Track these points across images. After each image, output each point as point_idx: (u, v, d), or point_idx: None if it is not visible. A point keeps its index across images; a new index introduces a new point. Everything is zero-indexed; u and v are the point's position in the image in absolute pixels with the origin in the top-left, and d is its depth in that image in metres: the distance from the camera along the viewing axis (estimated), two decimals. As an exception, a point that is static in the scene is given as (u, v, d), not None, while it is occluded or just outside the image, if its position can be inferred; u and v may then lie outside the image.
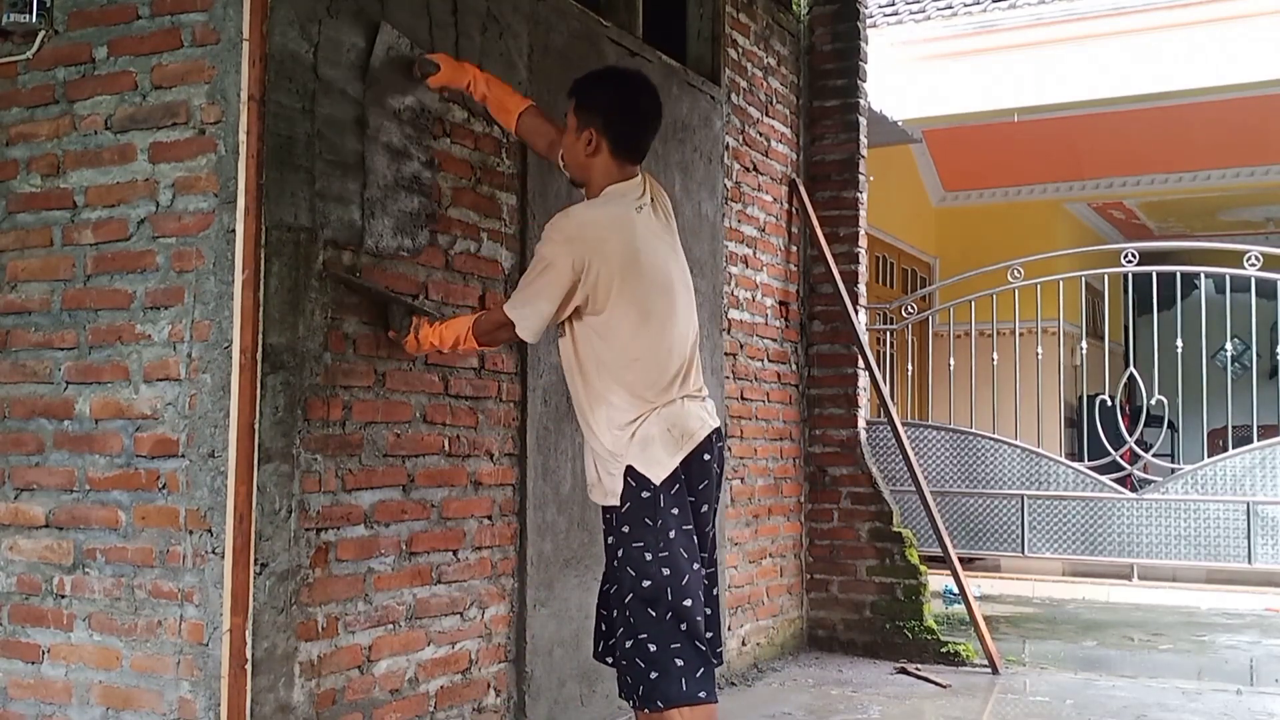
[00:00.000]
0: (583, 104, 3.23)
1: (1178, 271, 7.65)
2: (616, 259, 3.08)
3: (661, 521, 3.02)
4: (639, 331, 3.10)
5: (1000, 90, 9.91)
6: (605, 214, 3.16)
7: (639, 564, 3.02)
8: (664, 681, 2.97)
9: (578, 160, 3.26)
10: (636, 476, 3.04)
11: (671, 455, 3.06)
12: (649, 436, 3.05)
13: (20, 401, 3.23)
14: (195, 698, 2.91)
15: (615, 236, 3.11)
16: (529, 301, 3.13)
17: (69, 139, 3.21)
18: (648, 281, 3.13)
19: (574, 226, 3.12)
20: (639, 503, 3.04)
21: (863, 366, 6.27)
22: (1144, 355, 8.45)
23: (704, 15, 5.53)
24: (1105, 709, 4.93)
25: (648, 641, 3.00)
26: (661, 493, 3.03)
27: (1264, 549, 7.06)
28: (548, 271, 3.09)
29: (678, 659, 2.98)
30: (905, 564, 6.02)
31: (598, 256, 3.06)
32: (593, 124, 3.19)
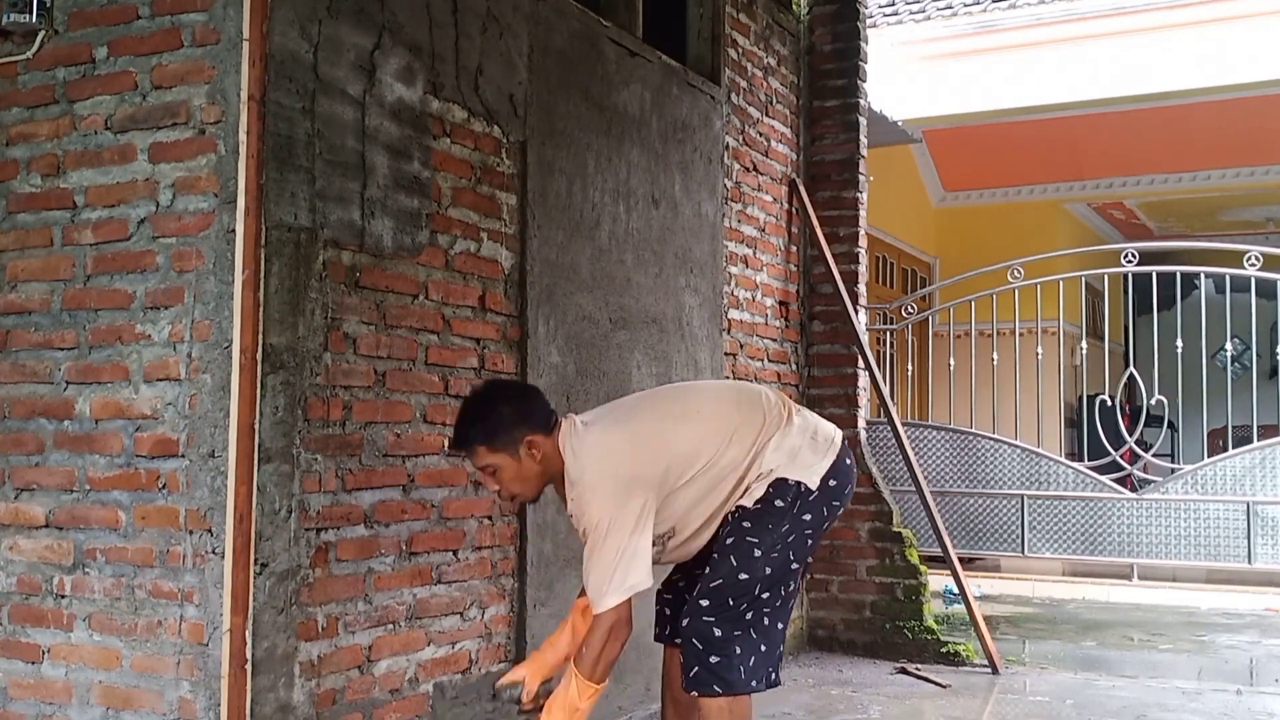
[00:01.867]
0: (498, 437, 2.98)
1: (1178, 271, 7.65)
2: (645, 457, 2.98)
3: (786, 527, 3.04)
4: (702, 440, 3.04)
5: (1000, 90, 9.91)
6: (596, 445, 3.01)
7: (745, 557, 3.02)
8: (722, 666, 3.00)
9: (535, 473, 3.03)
10: (780, 485, 3.04)
11: (822, 459, 3.10)
12: (794, 447, 3.08)
13: (20, 401, 3.23)
14: (195, 698, 2.91)
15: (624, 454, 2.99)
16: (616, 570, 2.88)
17: (69, 139, 3.21)
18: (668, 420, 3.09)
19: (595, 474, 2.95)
20: (770, 509, 3.04)
21: (863, 366, 6.27)
22: (1144, 355, 8.45)
23: (704, 15, 5.53)
24: (1105, 709, 4.93)
25: (713, 626, 3.01)
26: (801, 499, 3.05)
27: (1264, 549, 7.06)
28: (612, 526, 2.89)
29: (738, 647, 3.01)
30: (905, 564, 6.02)
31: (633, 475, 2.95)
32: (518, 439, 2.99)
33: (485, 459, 3.00)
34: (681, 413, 3.15)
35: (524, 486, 3.05)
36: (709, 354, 5.24)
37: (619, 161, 4.61)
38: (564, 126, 4.28)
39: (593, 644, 2.91)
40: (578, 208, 4.34)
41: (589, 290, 4.39)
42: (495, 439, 2.98)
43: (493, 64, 3.89)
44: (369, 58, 3.37)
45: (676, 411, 3.16)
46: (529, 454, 2.99)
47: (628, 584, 2.88)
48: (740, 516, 3.07)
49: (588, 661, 2.91)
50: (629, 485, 2.93)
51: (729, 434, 3.07)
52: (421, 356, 3.55)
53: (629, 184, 4.67)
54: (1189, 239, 12.11)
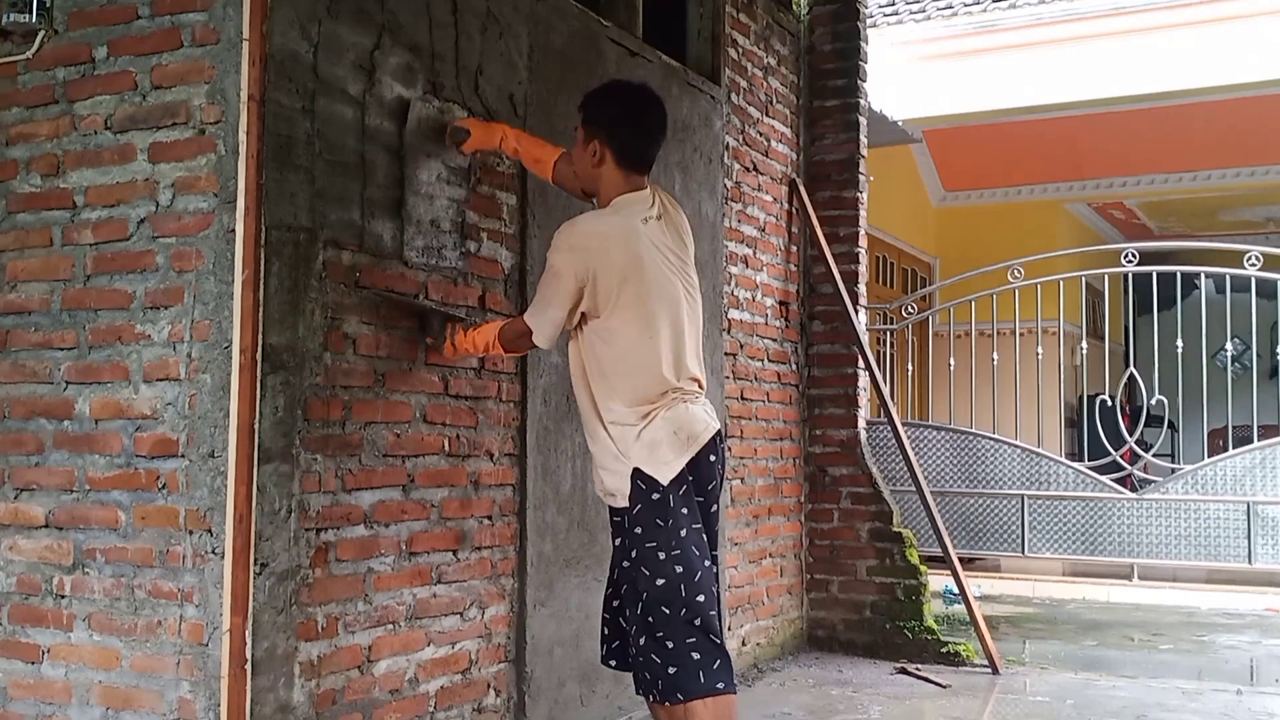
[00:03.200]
0: (589, 117, 3.36)
1: (1178, 271, 7.65)
2: (619, 267, 3.18)
3: (673, 521, 3.13)
4: (641, 338, 3.20)
5: (1000, 90, 9.91)
6: (610, 223, 3.27)
7: (653, 563, 3.12)
8: (682, 676, 3.08)
9: (586, 171, 3.37)
10: (645, 478, 3.14)
11: (678, 456, 3.16)
12: (655, 440, 3.16)
13: (20, 401, 3.23)
14: (195, 698, 2.91)
15: (618, 245, 3.21)
16: (542, 310, 3.25)
17: (69, 139, 3.20)
18: (650, 289, 3.22)
19: (578, 235, 3.23)
20: (649, 504, 3.14)
21: (863, 366, 6.27)
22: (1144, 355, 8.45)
23: (704, 15, 5.53)
24: (1105, 709, 4.93)
25: (665, 639, 3.10)
26: (671, 493, 3.14)
27: (1264, 549, 7.05)
28: (555, 279, 3.21)
29: (694, 653, 3.09)
30: (905, 564, 6.02)
31: (601, 264, 3.17)
32: (598, 135, 3.31)
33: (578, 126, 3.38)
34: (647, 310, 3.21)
35: (580, 171, 3.42)
36: (709, 353, 5.24)
37: (619, 161, 4.60)
38: (564, 126, 4.27)
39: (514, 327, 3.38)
40: (578, 208, 4.33)
41: (589, 290, 4.38)
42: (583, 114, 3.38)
43: (493, 64, 3.89)
44: (369, 58, 3.37)
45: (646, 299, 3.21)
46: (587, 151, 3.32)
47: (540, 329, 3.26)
48: (628, 523, 3.18)
49: (506, 334, 3.41)
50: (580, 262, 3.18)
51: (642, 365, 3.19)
52: (421, 356, 3.55)
53: (629, 184, 4.66)
54: (1189, 239, 12.10)
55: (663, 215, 3.35)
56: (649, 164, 3.38)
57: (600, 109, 3.36)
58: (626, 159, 3.31)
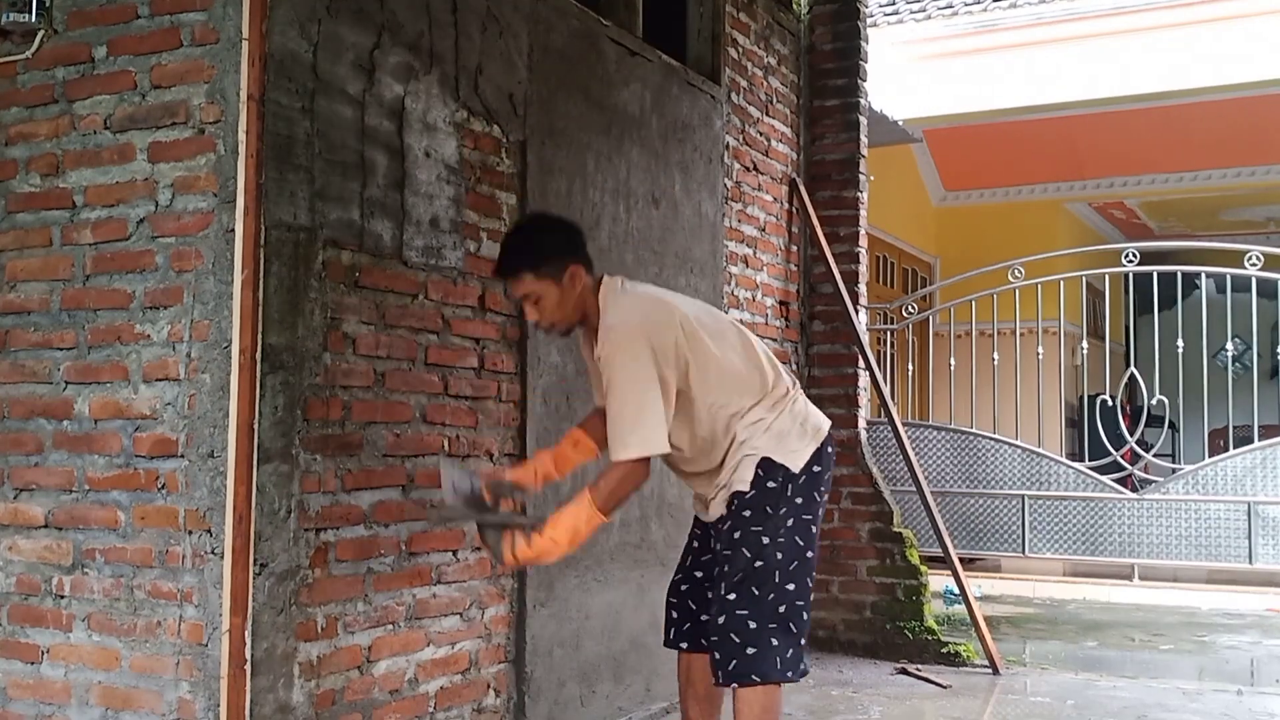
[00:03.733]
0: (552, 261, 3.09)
1: (1178, 271, 7.65)
2: (668, 325, 3.10)
3: (785, 510, 3.17)
4: (742, 353, 3.22)
5: (1000, 90, 9.91)
6: (632, 297, 3.16)
7: (754, 545, 3.14)
8: (759, 658, 3.10)
9: (575, 305, 3.15)
10: (769, 466, 3.17)
11: (806, 446, 3.22)
12: (784, 430, 3.21)
13: (20, 401, 3.23)
14: (195, 698, 2.91)
15: (656, 305, 3.16)
16: (644, 421, 2.99)
17: (68, 139, 3.20)
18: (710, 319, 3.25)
19: (624, 330, 3.05)
20: (764, 491, 3.16)
21: (863, 366, 6.27)
22: (1145, 355, 8.44)
23: (704, 15, 5.53)
24: (1106, 709, 4.92)
25: (748, 619, 3.11)
26: (791, 482, 3.18)
27: (1265, 549, 7.05)
28: (636, 381, 3.00)
29: (773, 638, 3.12)
30: (906, 564, 6.01)
31: (656, 335, 3.05)
32: (566, 266, 3.10)
33: (529, 286, 3.09)
34: (716, 330, 3.23)
35: (562, 315, 3.16)
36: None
37: (619, 161, 4.61)
38: (564, 126, 4.27)
39: (610, 479, 3.03)
40: (577, 207, 4.33)
41: (589, 290, 4.38)
42: (541, 265, 3.08)
43: (493, 64, 3.88)
44: (369, 57, 3.37)
45: (711, 326, 3.23)
46: (571, 283, 3.11)
47: (647, 440, 2.99)
48: (738, 505, 3.18)
49: (603, 494, 3.02)
50: (658, 352, 3.03)
51: (742, 374, 3.19)
52: (421, 356, 3.55)
53: (629, 184, 4.67)
54: (1189, 239, 12.10)
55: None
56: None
57: (551, 247, 3.11)
58: (589, 261, 3.20)
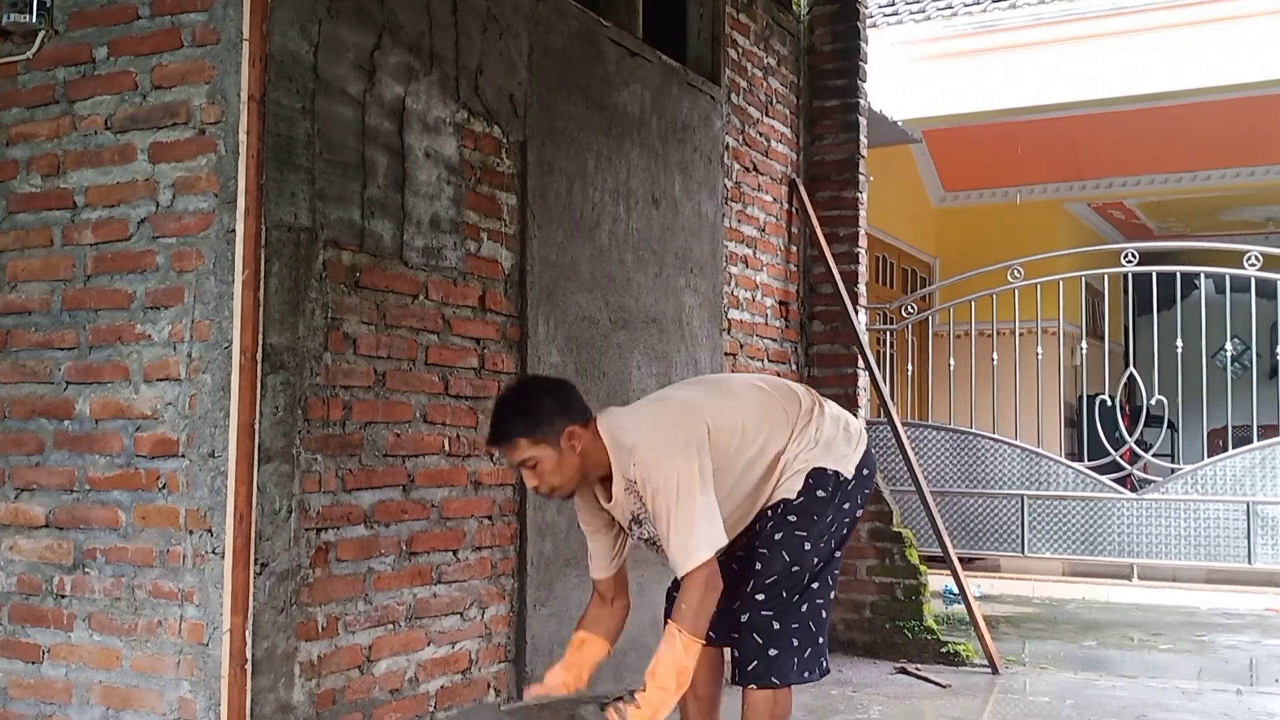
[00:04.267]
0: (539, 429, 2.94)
1: (1178, 271, 7.65)
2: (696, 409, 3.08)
3: (831, 517, 3.19)
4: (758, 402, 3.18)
5: (1000, 90, 9.91)
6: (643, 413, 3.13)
7: (796, 550, 3.12)
8: (779, 660, 3.11)
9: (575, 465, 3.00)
10: (819, 475, 3.16)
11: (854, 449, 3.25)
12: (830, 438, 3.22)
13: (20, 401, 3.23)
14: (195, 698, 2.91)
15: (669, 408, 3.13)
16: (698, 524, 2.91)
17: (69, 139, 3.21)
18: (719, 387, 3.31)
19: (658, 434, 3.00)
20: (813, 500, 3.16)
21: (863, 366, 6.27)
22: (1144, 355, 8.45)
23: (704, 15, 5.53)
24: (1105, 709, 4.92)
25: (773, 620, 3.11)
26: (840, 489, 3.20)
27: (1264, 549, 7.06)
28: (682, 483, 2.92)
29: (794, 639, 3.13)
30: (905, 564, 6.01)
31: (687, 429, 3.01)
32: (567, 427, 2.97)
33: (526, 452, 2.95)
34: (727, 393, 3.25)
35: (563, 479, 3.01)
36: (709, 354, 5.24)
37: (619, 161, 4.61)
38: (564, 126, 4.28)
39: (690, 600, 2.90)
40: (578, 208, 4.34)
41: (589, 290, 4.39)
42: (537, 431, 2.94)
43: (493, 64, 3.89)
44: (369, 57, 3.37)
45: (713, 391, 3.27)
46: (569, 445, 2.96)
47: (711, 539, 2.91)
48: (784, 510, 3.15)
49: (689, 617, 2.90)
50: (686, 443, 2.96)
51: (764, 414, 3.17)
52: (421, 356, 3.55)
53: (629, 184, 4.67)
54: (1189, 239, 12.09)
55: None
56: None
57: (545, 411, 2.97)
58: (586, 416, 3.05)
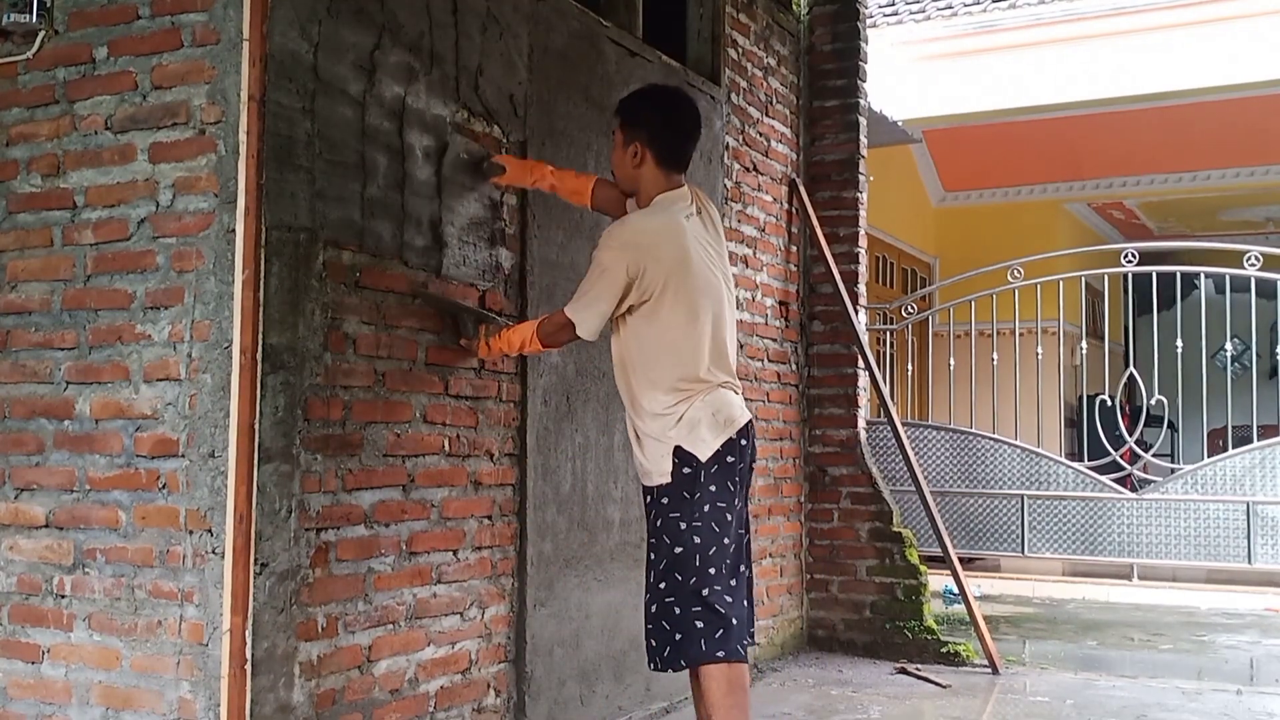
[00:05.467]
0: (627, 120, 3.52)
1: (1178, 271, 7.65)
2: (667, 261, 3.35)
3: (699, 495, 3.31)
4: (686, 327, 3.38)
5: (1000, 90, 9.91)
6: (658, 221, 3.43)
7: (674, 532, 3.32)
8: (685, 643, 3.26)
9: (626, 173, 3.54)
10: (682, 455, 3.33)
11: (716, 436, 3.34)
12: (695, 419, 3.34)
13: (20, 401, 3.23)
14: (195, 698, 2.91)
15: (666, 241, 3.38)
16: (589, 305, 3.40)
17: (69, 139, 3.21)
18: (695, 282, 3.40)
19: (629, 233, 3.40)
20: (680, 478, 3.33)
21: (863, 366, 6.27)
22: (1144, 355, 8.45)
23: (704, 15, 5.53)
24: (1105, 709, 4.93)
25: (673, 605, 3.28)
26: (703, 470, 3.32)
27: (1264, 549, 7.06)
28: (605, 276, 3.36)
29: (698, 621, 3.25)
30: (905, 564, 6.02)
31: (650, 260, 3.33)
32: (638, 138, 3.47)
33: (616, 130, 3.55)
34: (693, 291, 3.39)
35: (618, 171, 3.59)
36: (709, 354, 5.23)
37: (619, 161, 4.60)
38: (564, 126, 4.28)
39: (553, 321, 3.50)
40: (578, 208, 4.33)
41: (589, 290, 4.38)
42: (622, 117, 3.54)
43: (493, 64, 3.89)
44: (369, 57, 3.37)
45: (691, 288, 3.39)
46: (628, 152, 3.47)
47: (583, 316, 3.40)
48: (658, 495, 3.37)
49: (547, 325, 3.52)
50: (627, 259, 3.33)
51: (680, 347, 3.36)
52: (421, 356, 3.55)
53: (629, 184, 4.67)
54: (1189, 239, 12.10)
55: (701, 211, 3.54)
56: (686, 163, 3.56)
57: (639, 112, 3.51)
58: (665, 159, 3.47)
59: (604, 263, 3.38)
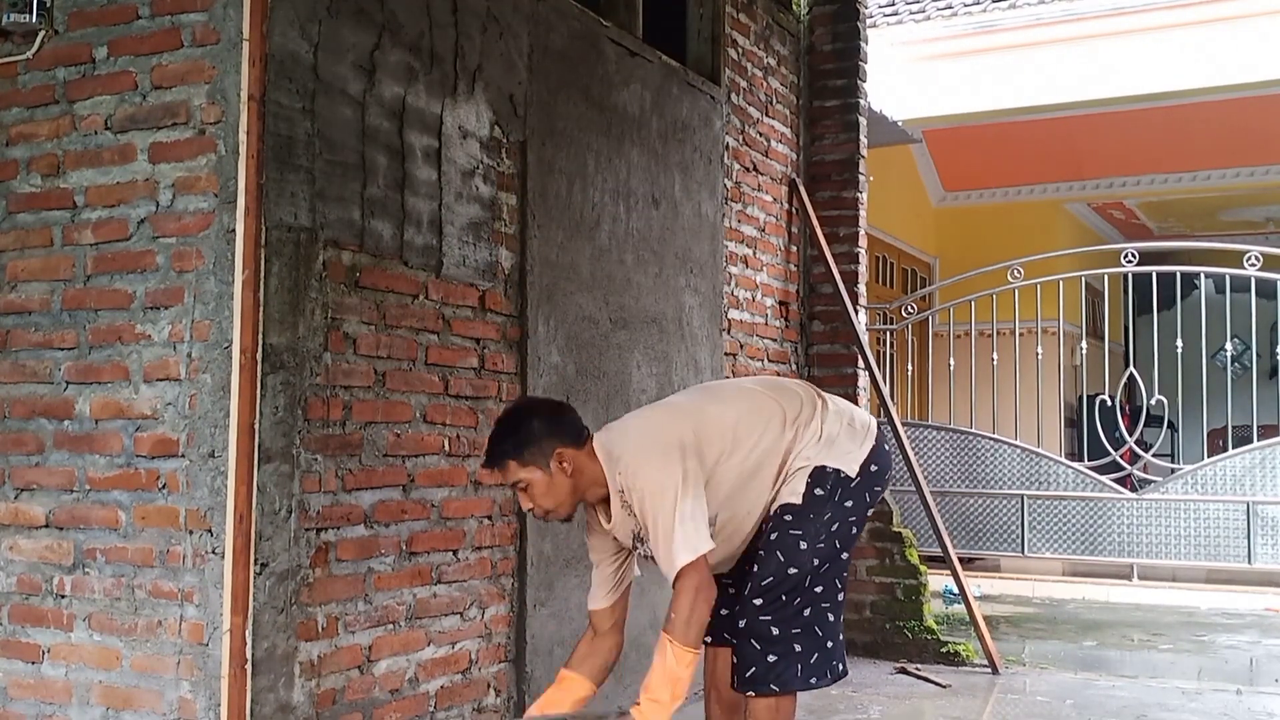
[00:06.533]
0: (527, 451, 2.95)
1: (1178, 271, 7.65)
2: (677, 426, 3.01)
3: (829, 515, 3.04)
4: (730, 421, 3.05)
5: (1000, 90, 9.91)
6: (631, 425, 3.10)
7: (791, 552, 3.01)
8: (780, 666, 3.00)
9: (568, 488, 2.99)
10: (819, 474, 3.04)
11: (859, 446, 3.10)
12: (831, 435, 3.08)
13: (20, 401, 3.23)
14: (195, 698, 2.91)
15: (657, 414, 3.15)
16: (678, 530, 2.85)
17: (69, 139, 3.21)
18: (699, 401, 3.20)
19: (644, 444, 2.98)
20: (811, 499, 3.03)
21: (863, 366, 6.27)
22: (1144, 355, 8.45)
23: (704, 15, 5.53)
24: (1105, 709, 4.93)
25: (770, 625, 3.01)
26: (841, 487, 3.05)
27: (1264, 549, 7.06)
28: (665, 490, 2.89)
29: (796, 644, 3.02)
30: (905, 564, 6.01)
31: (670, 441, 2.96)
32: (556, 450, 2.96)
33: (516, 474, 2.96)
34: (715, 398, 3.22)
35: (556, 501, 3.00)
36: (709, 354, 5.24)
37: (619, 161, 4.61)
38: (564, 126, 4.28)
39: (680, 608, 2.84)
40: (578, 208, 4.34)
41: (589, 290, 4.39)
42: (524, 453, 2.94)
43: (493, 64, 3.89)
44: (369, 57, 3.37)
45: (709, 397, 3.24)
46: (559, 467, 2.95)
47: (694, 542, 2.84)
48: (782, 512, 3.05)
49: (679, 626, 2.83)
50: (668, 448, 2.92)
51: (763, 415, 3.07)
52: (421, 356, 3.55)
53: (629, 184, 4.67)
54: (1189, 239, 12.09)
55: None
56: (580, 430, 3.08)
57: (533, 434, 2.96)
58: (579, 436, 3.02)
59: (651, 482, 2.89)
